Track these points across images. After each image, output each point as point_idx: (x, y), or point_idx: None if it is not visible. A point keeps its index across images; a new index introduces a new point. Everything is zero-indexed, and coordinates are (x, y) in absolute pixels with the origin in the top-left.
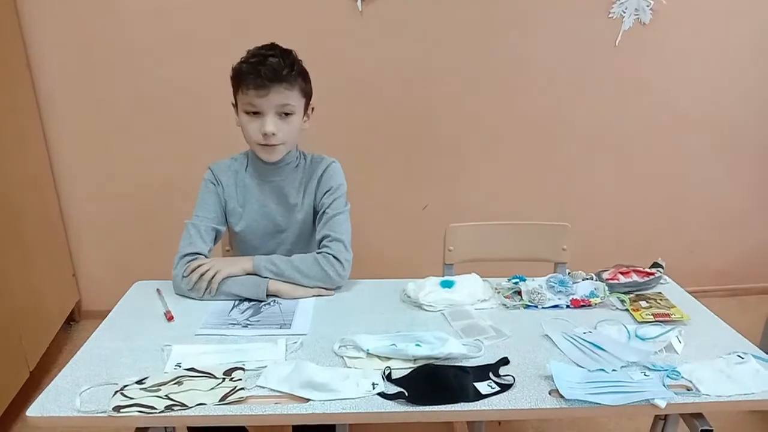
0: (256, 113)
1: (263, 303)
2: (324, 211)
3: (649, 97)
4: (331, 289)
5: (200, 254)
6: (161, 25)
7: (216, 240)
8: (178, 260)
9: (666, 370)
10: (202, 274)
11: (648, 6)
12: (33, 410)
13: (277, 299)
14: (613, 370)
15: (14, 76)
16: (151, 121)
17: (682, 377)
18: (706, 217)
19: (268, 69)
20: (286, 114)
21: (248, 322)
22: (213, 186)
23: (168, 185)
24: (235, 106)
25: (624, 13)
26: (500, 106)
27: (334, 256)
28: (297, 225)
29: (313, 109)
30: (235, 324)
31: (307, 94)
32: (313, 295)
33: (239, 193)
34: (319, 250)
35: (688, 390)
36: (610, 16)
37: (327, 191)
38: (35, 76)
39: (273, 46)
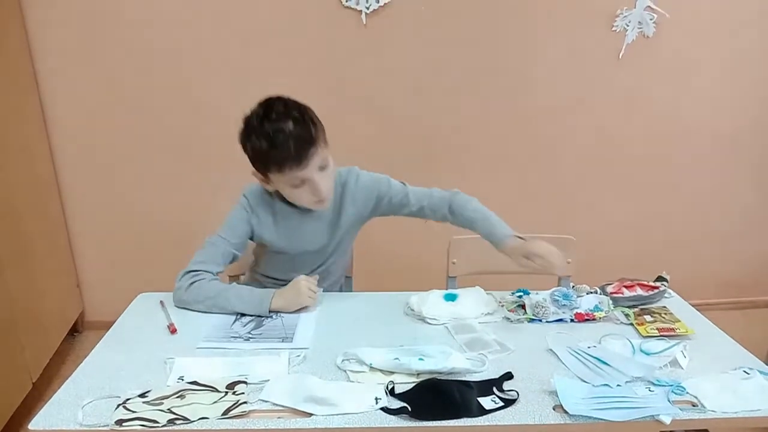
0: (301, 183)
1: (265, 317)
2: (407, 203)
3: (653, 110)
4: None
5: (208, 273)
6: (167, 34)
7: (230, 263)
8: (184, 274)
9: (671, 385)
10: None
11: (651, 19)
12: (36, 423)
13: (280, 312)
14: (618, 385)
15: (20, 86)
16: (158, 133)
17: (687, 393)
18: (710, 228)
19: (297, 142)
20: (325, 166)
21: (250, 336)
22: (246, 214)
23: (173, 198)
24: (262, 175)
25: (627, 26)
26: (503, 119)
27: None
28: (335, 242)
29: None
30: (236, 337)
31: (323, 130)
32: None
33: (277, 222)
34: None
35: (693, 406)
36: (613, 29)
37: (383, 197)
38: (41, 85)
39: (274, 111)
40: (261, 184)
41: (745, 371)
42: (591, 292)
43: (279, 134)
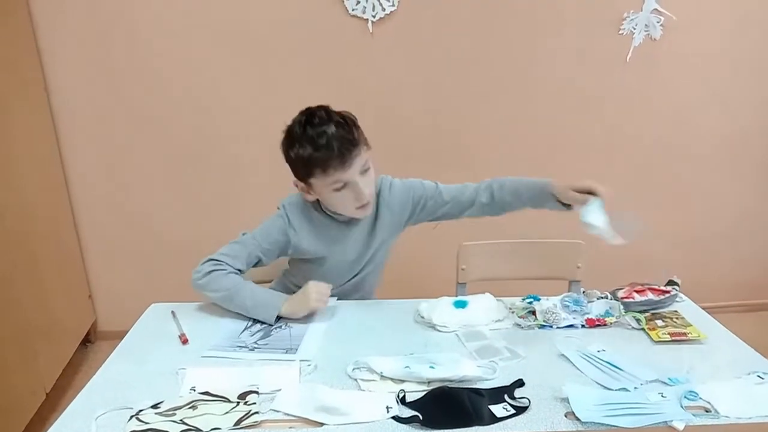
0: (343, 186)
1: (274, 326)
2: (442, 201)
3: (662, 112)
4: None
5: (230, 266)
6: (179, 48)
7: (254, 266)
8: (207, 260)
9: (683, 383)
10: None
11: (658, 22)
12: None
13: (289, 323)
14: (635, 387)
15: (32, 99)
16: (169, 145)
17: (700, 398)
18: (720, 230)
19: (340, 144)
20: (366, 169)
21: (256, 346)
22: (283, 224)
23: (185, 209)
24: (304, 184)
25: (634, 29)
26: (511, 123)
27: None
28: (372, 251)
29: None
30: (242, 347)
31: (363, 134)
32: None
33: (315, 232)
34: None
35: (707, 411)
36: (620, 32)
37: (419, 201)
38: (52, 98)
39: (317, 117)
40: (302, 194)
41: (759, 376)
42: (602, 298)
43: (323, 136)
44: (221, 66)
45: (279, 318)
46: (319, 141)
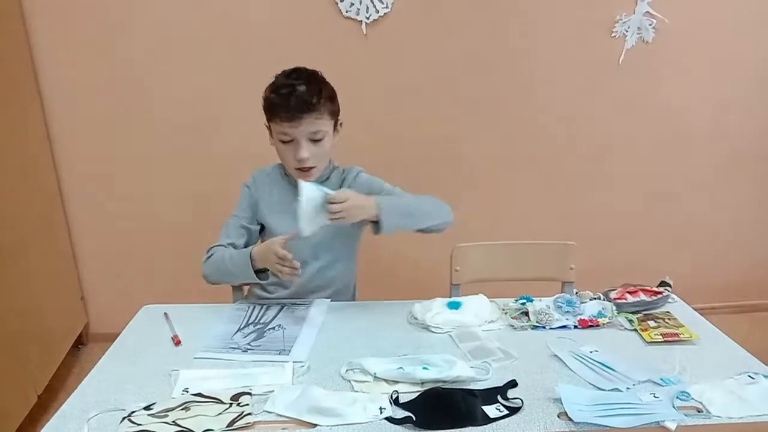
0: (290, 141)
1: (268, 327)
2: None
3: (653, 115)
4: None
5: (221, 246)
6: (171, 44)
7: (251, 237)
8: (210, 248)
9: (675, 383)
10: (332, 212)
11: (650, 25)
12: None
13: (282, 324)
14: (627, 388)
15: (23, 97)
16: (162, 145)
17: (692, 399)
18: (713, 232)
19: (297, 100)
20: (318, 140)
21: (249, 347)
22: (248, 190)
23: (178, 211)
24: (269, 128)
25: (627, 32)
26: (504, 126)
27: None
28: (329, 234)
29: (341, 123)
30: (235, 348)
31: (335, 114)
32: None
33: (275, 200)
34: None
35: (699, 412)
36: (612, 35)
37: (368, 192)
38: (44, 97)
39: (299, 73)
40: (270, 139)
41: (750, 376)
42: (594, 298)
43: (287, 87)
44: (215, 67)
45: (265, 271)
46: (282, 90)
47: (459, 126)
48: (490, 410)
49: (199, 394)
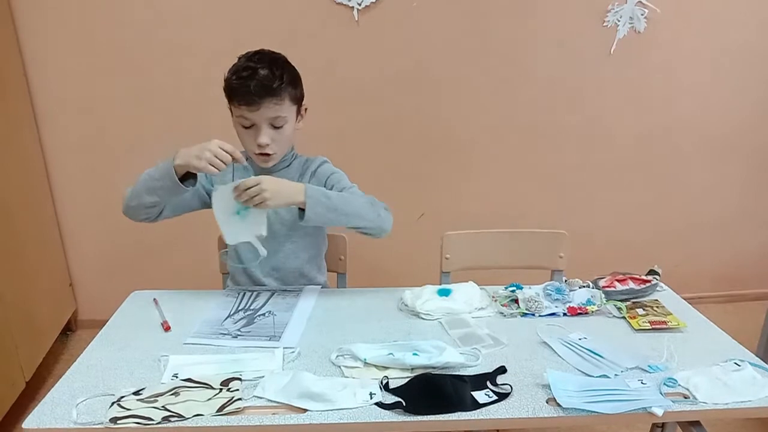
0: (250, 126)
1: (258, 314)
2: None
3: (644, 105)
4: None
5: None
6: (159, 33)
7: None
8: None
9: (662, 370)
10: (251, 196)
11: (642, 14)
12: (29, 422)
13: (272, 311)
14: (616, 374)
15: (11, 84)
16: (150, 130)
17: (679, 385)
18: (702, 223)
19: (257, 85)
20: (279, 126)
21: (239, 333)
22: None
23: None
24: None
25: (618, 21)
26: (495, 114)
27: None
28: (287, 217)
29: (306, 109)
30: (225, 334)
31: (299, 100)
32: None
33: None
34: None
35: (685, 398)
36: (604, 25)
37: (326, 182)
38: (31, 83)
39: (262, 56)
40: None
41: (736, 363)
42: (583, 286)
43: (248, 71)
44: (203, 55)
45: (188, 177)
46: (242, 73)
47: (450, 114)
48: (480, 396)
49: (189, 380)
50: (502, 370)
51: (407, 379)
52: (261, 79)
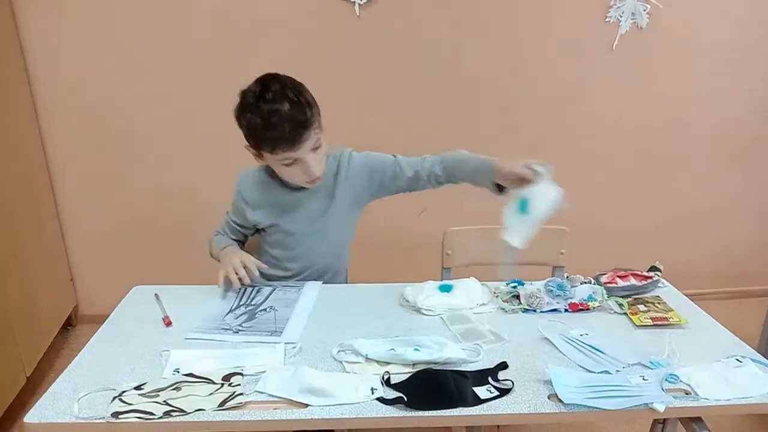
0: (292, 162)
1: (259, 309)
2: (400, 172)
3: (646, 101)
4: None
5: (219, 233)
6: (160, 32)
7: (245, 236)
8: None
9: (664, 366)
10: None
11: (644, 10)
12: (31, 416)
13: (274, 306)
14: (617, 370)
15: (13, 81)
16: (149, 127)
17: (681, 381)
18: (703, 219)
19: (291, 125)
20: (317, 147)
21: (240, 328)
22: (238, 198)
23: (166, 192)
24: (258, 154)
25: (621, 17)
26: (497, 110)
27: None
28: (333, 221)
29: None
30: (226, 329)
31: (319, 111)
32: None
33: (267, 203)
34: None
35: (687, 394)
36: (606, 20)
37: (376, 171)
38: (33, 81)
39: (273, 91)
40: (254, 158)
41: (737, 359)
42: (585, 282)
43: (274, 115)
44: (204, 52)
45: None
46: (270, 119)
47: (453, 108)
48: (481, 391)
49: (190, 375)
50: (503, 365)
51: (408, 375)
52: (291, 119)
